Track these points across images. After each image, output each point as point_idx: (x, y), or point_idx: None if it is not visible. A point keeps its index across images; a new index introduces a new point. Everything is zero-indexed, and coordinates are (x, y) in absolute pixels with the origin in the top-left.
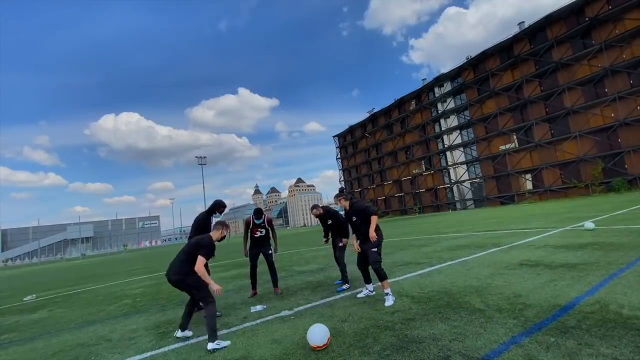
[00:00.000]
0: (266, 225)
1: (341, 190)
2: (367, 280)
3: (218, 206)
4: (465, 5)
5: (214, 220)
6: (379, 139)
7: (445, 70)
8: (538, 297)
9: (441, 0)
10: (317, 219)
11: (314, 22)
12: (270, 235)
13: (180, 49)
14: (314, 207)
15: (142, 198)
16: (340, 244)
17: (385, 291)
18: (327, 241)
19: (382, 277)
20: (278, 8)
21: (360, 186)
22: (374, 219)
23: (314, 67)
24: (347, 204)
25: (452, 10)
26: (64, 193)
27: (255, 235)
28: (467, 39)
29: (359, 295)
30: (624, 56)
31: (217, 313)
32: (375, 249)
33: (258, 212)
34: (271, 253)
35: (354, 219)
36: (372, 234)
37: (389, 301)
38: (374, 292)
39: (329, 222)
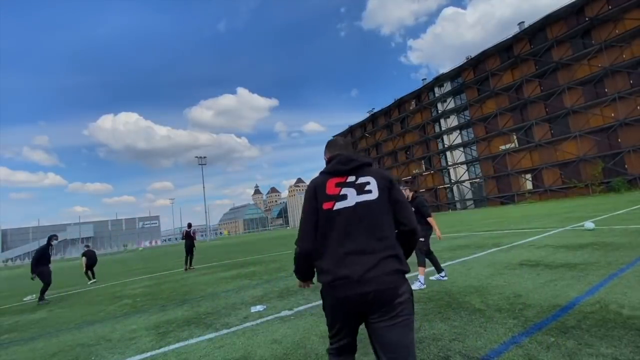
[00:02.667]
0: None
1: (406, 181)
2: (439, 269)
3: (52, 238)
4: (463, 6)
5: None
6: (379, 139)
7: (444, 70)
8: (538, 297)
9: (439, 0)
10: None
11: (312, 23)
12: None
13: (179, 49)
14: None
15: (142, 198)
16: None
17: (417, 277)
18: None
19: (419, 263)
20: (276, 9)
21: None
22: (431, 221)
23: (313, 68)
24: (410, 195)
25: (449, 10)
26: (63, 193)
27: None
28: (466, 39)
29: (431, 278)
30: (624, 56)
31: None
32: (423, 239)
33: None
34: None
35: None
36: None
37: (414, 285)
38: (445, 278)
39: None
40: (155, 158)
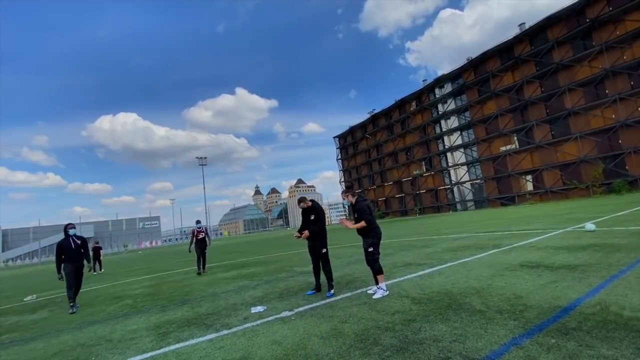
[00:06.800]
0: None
1: (348, 187)
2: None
3: (65, 227)
4: (461, 7)
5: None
6: (379, 140)
7: (442, 71)
8: (539, 299)
9: (436, 2)
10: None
11: (310, 24)
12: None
13: (177, 50)
14: (302, 199)
15: (142, 199)
16: (324, 250)
17: (379, 285)
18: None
19: (377, 271)
20: (274, 10)
21: (361, 187)
22: (362, 224)
23: (312, 69)
24: (353, 200)
25: (447, 12)
26: (63, 193)
27: (199, 237)
28: (464, 40)
29: (369, 291)
30: (624, 57)
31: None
32: (372, 249)
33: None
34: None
35: (355, 215)
36: (349, 225)
37: (377, 294)
38: (387, 292)
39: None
40: (154, 158)
